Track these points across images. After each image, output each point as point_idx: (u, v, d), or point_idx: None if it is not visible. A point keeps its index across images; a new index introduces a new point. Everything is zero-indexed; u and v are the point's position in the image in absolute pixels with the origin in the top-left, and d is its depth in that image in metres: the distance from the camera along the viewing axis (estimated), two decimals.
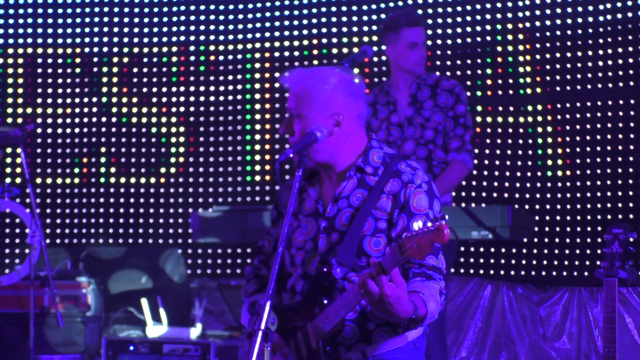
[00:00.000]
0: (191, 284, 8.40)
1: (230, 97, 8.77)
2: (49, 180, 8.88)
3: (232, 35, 8.78)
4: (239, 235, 7.02)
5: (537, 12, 7.84)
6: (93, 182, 8.87)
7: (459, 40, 8.10)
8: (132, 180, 8.83)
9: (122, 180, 8.84)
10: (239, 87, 8.75)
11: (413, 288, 3.43)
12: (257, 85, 8.71)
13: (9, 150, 8.63)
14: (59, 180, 8.89)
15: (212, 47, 8.83)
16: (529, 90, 7.85)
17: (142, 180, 8.82)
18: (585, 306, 7.37)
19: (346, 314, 3.50)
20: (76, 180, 8.89)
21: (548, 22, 7.79)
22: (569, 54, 7.71)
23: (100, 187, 8.86)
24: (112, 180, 8.86)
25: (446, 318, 6.51)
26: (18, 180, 8.66)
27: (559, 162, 7.68)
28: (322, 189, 3.74)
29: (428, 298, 3.43)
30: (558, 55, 7.74)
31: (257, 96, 8.70)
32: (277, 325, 3.28)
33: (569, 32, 7.72)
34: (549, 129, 7.74)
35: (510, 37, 7.92)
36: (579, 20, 7.70)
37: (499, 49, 7.96)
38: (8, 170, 8.80)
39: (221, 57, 8.81)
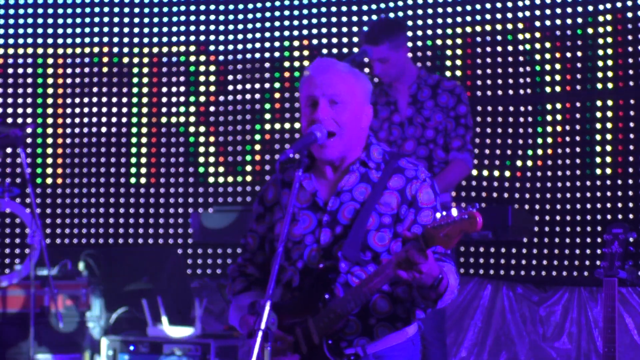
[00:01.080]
0: (191, 284, 8.40)
1: (230, 98, 8.76)
2: (49, 180, 8.88)
3: (232, 36, 8.78)
4: (239, 235, 7.01)
5: (537, 12, 7.84)
6: (93, 182, 8.87)
7: (458, 40, 8.10)
8: (132, 180, 8.83)
9: (122, 180, 8.84)
10: (239, 87, 8.75)
11: None
12: (257, 86, 8.71)
13: (9, 150, 8.63)
14: (59, 180, 8.88)
15: (212, 47, 8.83)
16: (529, 91, 7.85)
17: (142, 180, 8.82)
18: (585, 306, 7.37)
19: (356, 307, 3.50)
20: (76, 180, 8.88)
21: (548, 22, 7.78)
22: (568, 54, 7.71)
23: (100, 187, 8.86)
24: (112, 180, 8.86)
25: (446, 318, 6.51)
26: (18, 180, 8.65)
27: (559, 162, 7.68)
28: (319, 182, 3.73)
29: (447, 271, 3.48)
30: (558, 55, 7.74)
31: (257, 96, 8.70)
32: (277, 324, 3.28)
33: (569, 32, 7.72)
34: (549, 129, 7.74)
35: (510, 37, 7.92)
36: (579, 20, 7.70)
37: (499, 49, 7.96)
38: (8, 170, 8.80)
39: (221, 58, 8.80)
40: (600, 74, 7.60)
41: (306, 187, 3.72)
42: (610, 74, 7.57)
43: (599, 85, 7.60)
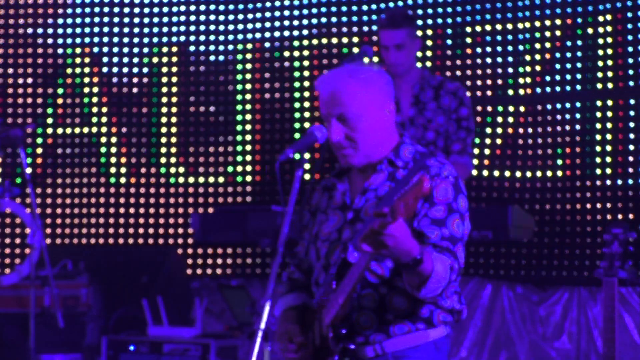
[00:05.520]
0: (191, 284, 8.40)
1: (230, 98, 8.76)
2: (49, 180, 8.88)
3: (232, 35, 8.77)
4: (239, 235, 7.02)
5: (537, 12, 7.84)
6: (93, 182, 8.86)
7: (459, 40, 8.11)
8: (133, 180, 8.83)
9: (122, 180, 8.84)
10: (239, 87, 8.75)
11: None
12: (258, 86, 8.70)
13: (9, 150, 8.62)
14: (59, 180, 8.88)
15: (212, 47, 8.82)
16: (528, 91, 7.85)
17: (142, 180, 8.82)
18: (585, 306, 7.38)
19: (354, 291, 3.47)
20: (76, 180, 8.88)
21: (548, 22, 7.79)
22: (568, 54, 7.72)
23: (100, 187, 8.86)
24: (112, 180, 8.85)
25: None
26: (18, 180, 8.64)
27: (559, 162, 7.68)
28: (351, 182, 3.74)
29: (435, 259, 3.39)
30: (558, 55, 7.74)
31: (258, 97, 8.70)
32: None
33: (568, 31, 7.72)
34: (549, 129, 7.74)
35: (510, 36, 7.93)
36: (579, 20, 7.70)
37: (499, 48, 7.96)
38: (8, 170, 8.80)
39: (222, 58, 8.79)
40: (600, 74, 7.60)
41: (340, 188, 3.74)
42: (610, 74, 7.57)
43: (599, 86, 7.61)
